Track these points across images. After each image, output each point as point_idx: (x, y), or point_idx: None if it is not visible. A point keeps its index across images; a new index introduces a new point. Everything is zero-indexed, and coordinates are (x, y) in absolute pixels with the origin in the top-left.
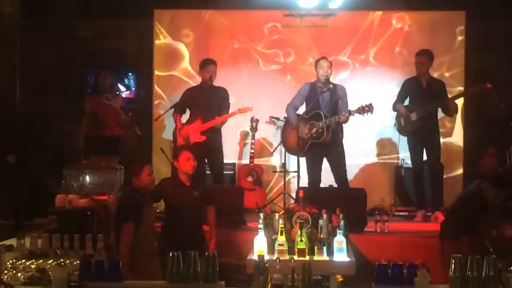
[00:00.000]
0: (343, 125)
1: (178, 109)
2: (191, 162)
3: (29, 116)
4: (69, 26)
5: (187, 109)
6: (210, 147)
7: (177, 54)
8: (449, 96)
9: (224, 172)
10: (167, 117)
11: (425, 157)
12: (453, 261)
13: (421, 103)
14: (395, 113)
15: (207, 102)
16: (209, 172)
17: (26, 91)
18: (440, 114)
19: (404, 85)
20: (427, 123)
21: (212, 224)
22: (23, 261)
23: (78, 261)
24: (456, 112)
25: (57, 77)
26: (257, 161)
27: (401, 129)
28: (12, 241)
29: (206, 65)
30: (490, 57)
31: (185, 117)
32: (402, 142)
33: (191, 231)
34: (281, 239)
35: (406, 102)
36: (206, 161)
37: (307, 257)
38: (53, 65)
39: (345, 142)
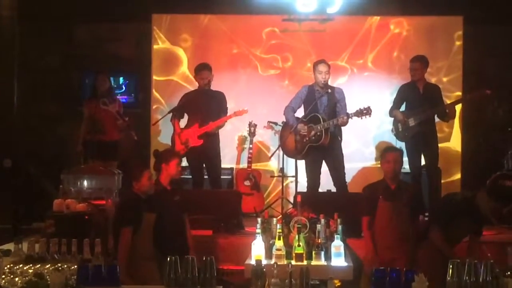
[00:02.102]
0: (342, 128)
1: (176, 113)
2: (179, 168)
3: (27, 120)
4: (68, 30)
5: (185, 113)
6: (208, 151)
7: (176, 58)
8: (446, 101)
9: (222, 177)
10: (163, 121)
11: (422, 162)
12: (451, 265)
13: (418, 108)
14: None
15: (205, 106)
16: (206, 176)
17: (24, 95)
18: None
19: (401, 90)
20: (425, 128)
21: (188, 231)
22: (21, 265)
23: (75, 266)
24: (453, 117)
25: (55, 81)
26: (255, 165)
27: (398, 135)
28: (10, 246)
29: (200, 70)
30: (488, 62)
31: (183, 122)
32: (401, 147)
33: (172, 235)
34: (279, 243)
35: (402, 108)
36: (204, 165)
37: (305, 262)
38: (51, 69)
39: (344, 145)
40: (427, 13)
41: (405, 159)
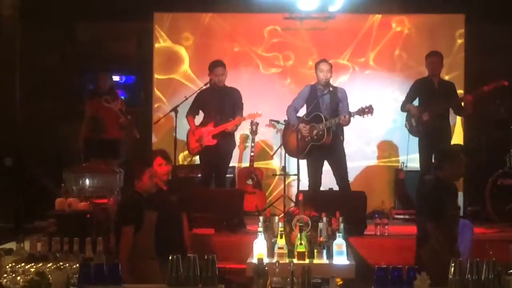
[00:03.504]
0: (344, 127)
1: (191, 111)
2: (163, 168)
3: (29, 118)
4: (69, 28)
5: (200, 110)
6: (221, 151)
7: (177, 57)
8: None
9: None
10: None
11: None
12: (453, 264)
13: (432, 104)
14: (395, 116)
15: (220, 103)
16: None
17: (25, 94)
18: None
19: (415, 85)
20: (439, 124)
21: (185, 231)
22: (23, 264)
23: (77, 265)
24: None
25: (57, 79)
26: (257, 164)
27: (412, 130)
28: (12, 245)
29: (214, 68)
30: (490, 60)
31: (198, 119)
32: (403, 145)
33: (168, 235)
34: (281, 242)
35: (415, 103)
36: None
37: (307, 260)
38: (53, 67)
39: (346, 144)
40: (429, 11)
41: (408, 157)
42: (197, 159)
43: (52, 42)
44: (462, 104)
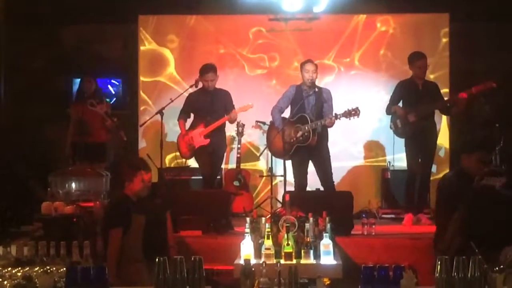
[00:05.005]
0: (328, 128)
1: (183, 114)
2: (144, 176)
3: (15, 122)
4: (54, 32)
5: (191, 113)
6: (215, 152)
7: (162, 59)
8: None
9: None
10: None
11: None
12: (439, 262)
13: (417, 105)
14: (381, 116)
15: (211, 106)
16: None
17: (11, 97)
18: None
19: (399, 87)
20: (425, 123)
21: (170, 232)
22: (9, 269)
23: (64, 268)
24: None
25: (43, 83)
26: (243, 165)
27: (398, 131)
28: None
29: (205, 73)
30: (475, 59)
31: (188, 122)
32: (389, 145)
33: (157, 238)
34: (268, 243)
35: (399, 105)
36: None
37: (294, 261)
38: (38, 71)
39: (332, 145)
40: (413, 10)
41: (395, 156)
42: (189, 161)
43: (37, 45)
44: (448, 105)
